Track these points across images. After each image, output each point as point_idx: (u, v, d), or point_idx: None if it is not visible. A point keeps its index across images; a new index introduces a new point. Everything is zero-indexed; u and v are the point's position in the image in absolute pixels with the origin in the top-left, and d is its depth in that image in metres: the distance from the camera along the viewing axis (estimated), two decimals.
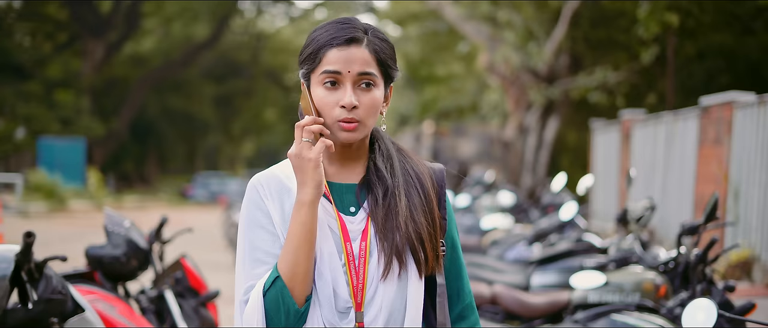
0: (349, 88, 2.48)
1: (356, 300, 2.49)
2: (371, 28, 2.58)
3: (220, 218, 23.79)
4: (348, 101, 2.46)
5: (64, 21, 42.08)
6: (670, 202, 13.47)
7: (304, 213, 2.44)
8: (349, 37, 2.51)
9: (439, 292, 2.57)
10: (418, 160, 2.67)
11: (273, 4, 50.77)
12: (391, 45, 2.59)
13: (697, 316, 4.16)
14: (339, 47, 2.50)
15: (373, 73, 2.50)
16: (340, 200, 2.58)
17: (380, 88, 2.53)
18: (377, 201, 2.53)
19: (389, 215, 2.51)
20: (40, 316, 4.37)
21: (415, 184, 2.57)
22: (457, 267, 2.66)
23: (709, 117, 11.89)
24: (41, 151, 36.37)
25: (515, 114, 23.94)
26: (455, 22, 24.13)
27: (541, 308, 6.07)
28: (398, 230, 2.49)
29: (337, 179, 2.61)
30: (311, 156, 2.43)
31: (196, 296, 6.24)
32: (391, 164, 2.59)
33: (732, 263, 10.24)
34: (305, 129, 2.46)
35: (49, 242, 15.22)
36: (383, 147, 2.63)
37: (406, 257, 2.49)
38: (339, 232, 2.53)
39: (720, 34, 18.94)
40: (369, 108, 2.49)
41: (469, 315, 2.66)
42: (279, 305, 2.43)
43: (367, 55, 2.50)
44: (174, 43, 47.43)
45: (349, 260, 2.50)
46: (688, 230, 5.47)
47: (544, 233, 9.12)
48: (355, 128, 2.49)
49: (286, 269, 2.44)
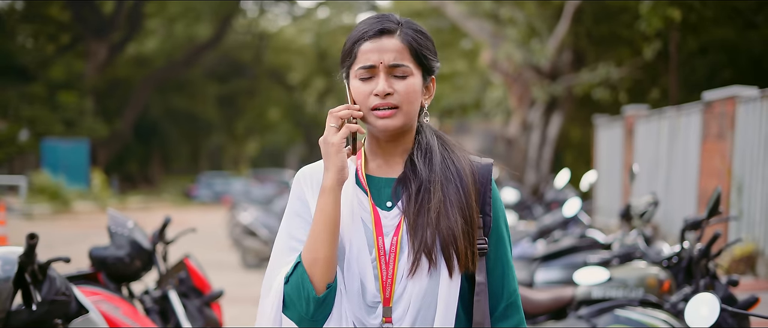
0: (383, 77, 2.49)
1: (384, 295, 2.49)
2: (407, 21, 2.57)
3: (224, 218, 23.81)
4: (381, 89, 2.48)
5: (66, 22, 42.09)
6: (674, 197, 13.47)
7: (324, 199, 2.46)
8: (380, 28, 2.52)
9: (477, 290, 2.52)
10: (464, 154, 2.63)
11: (275, 3, 50.76)
12: (427, 36, 2.59)
13: (700, 311, 4.15)
14: (371, 39, 2.52)
15: (406, 64, 2.50)
16: (378, 194, 2.58)
17: (417, 77, 2.53)
18: (410, 196, 2.52)
19: (421, 211, 2.49)
20: (44, 317, 4.38)
21: (454, 179, 2.53)
22: (502, 265, 2.59)
23: (712, 112, 11.88)
24: (45, 152, 36.39)
25: (518, 111, 23.92)
26: (457, 19, 24.09)
27: (545, 304, 6.07)
28: (429, 227, 2.47)
29: (378, 173, 2.61)
30: (334, 140, 2.45)
31: (200, 296, 6.25)
32: (430, 159, 2.56)
33: (735, 257, 10.24)
34: (332, 114, 2.48)
35: (52, 244, 15.23)
36: (424, 141, 2.61)
37: (436, 255, 2.47)
38: (372, 226, 2.52)
39: (722, 29, 18.92)
40: (405, 95, 2.50)
41: (513, 315, 2.60)
42: (300, 291, 2.45)
43: (400, 45, 2.51)
44: (177, 43, 47.42)
45: (380, 255, 2.50)
46: (692, 224, 5.47)
47: (548, 230, 9.13)
48: (392, 115, 2.50)
49: (307, 254, 2.46)
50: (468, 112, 33.06)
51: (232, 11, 46.56)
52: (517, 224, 11.27)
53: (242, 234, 16.09)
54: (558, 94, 21.65)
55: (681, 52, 19.01)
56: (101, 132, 40.16)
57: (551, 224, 9.19)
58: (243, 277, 14.47)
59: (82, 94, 40.13)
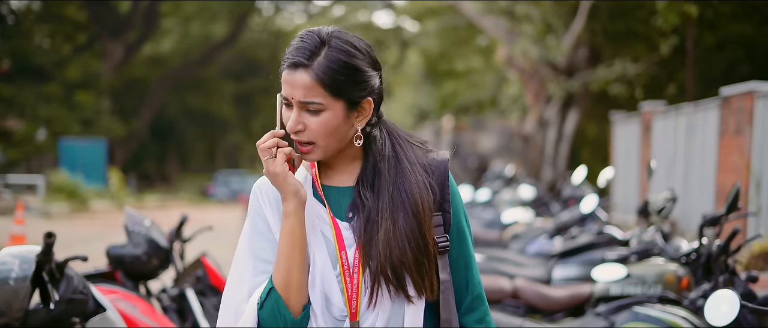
0: (296, 113, 2.44)
1: (351, 309, 2.46)
2: (331, 45, 2.45)
3: (240, 216, 23.81)
4: (290, 126, 2.44)
5: (83, 22, 42.20)
6: (692, 193, 13.41)
7: (290, 223, 2.43)
8: (293, 61, 2.44)
9: (442, 287, 2.50)
10: (417, 155, 2.57)
11: (291, 1, 50.79)
12: (349, 66, 2.44)
13: (719, 307, 4.14)
14: (287, 70, 2.45)
15: (316, 101, 2.41)
16: (337, 205, 2.54)
17: (332, 110, 2.42)
18: (360, 229, 2.47)
19: (372, 242, 2.45)
20: (61, 316, 4.40)
21: (404, 204, 2.46)
22: (465, 258, 2.58)
23: (729, 107, 11.82)
24: (62, 152, 36.50)
25: (535, 107, 23.89)
26: (473, 16, 24.08)
27: (562, 301, 6.06)
28: (379, 257, 2.42)
29: (335, 182, 2.57)
30: (277, 170, 2.43)
31: (218, 294, 6.25)
32: (378, 184, 2.49)
33: (754, 253, 10.17)
34: (260, 148, 2.45)
35: (70, 243, 15.28)
36: (371, 160, 2.54)
37: (393, 282, 2.43)
38: (334, 239, 2.49)
39: (739, 24, 18.82)
40: (317, 132, 2.43)
41: (478, 307, 2.59)
42: (276, 316, 2.42)
43: (309, 82, 2.41)
44: (193, 42, 47.52)
45: (344, 269, 2.46)
46: (710, 221, 5.44)
47: (565, 226, 9.10)
48: (308, 151, 2.46)
49: (279, 280, 2.42)
50: (484, 109, 33.08)
51: (248, 10, 46.60)
52: (534, 221, 11.24)
53: None
54: (574, 91, 21.60)
55: (698, 48, 18.92)
56: (118, 131, 40.27)
57: (568, 221, 9.16)
58: None
59: (98, 93, 40.23)
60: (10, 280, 4.19)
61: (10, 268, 4.22)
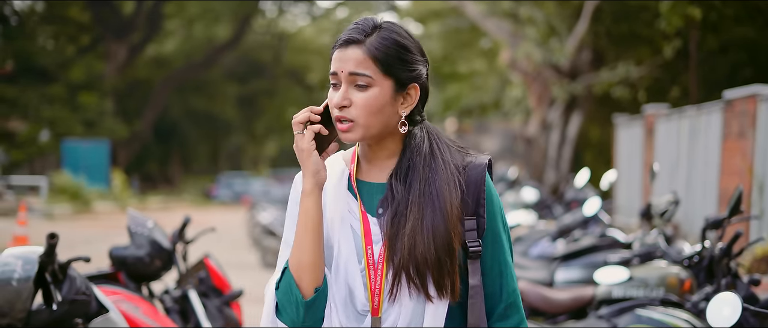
0: (344, 88, 2.47)
1: (373, 305, 2.47)
2: (383, 28, 2.51)
3: (243, 218, 23.86)
4: (336, 100, 2.47)
5: (86, 24, 42.28)
6: (694, 196, 13.40)
7: (305, 202, 2.47)
8: (347, 37, 2.48)
9: (471, 293, 2.48)
10: (453, 156, 2.56)
11: (294, 3, 50.80)
12: (402, 44, 2.50)
13: (722, 310, 4.14)
14: (339, 49, 2.49)
15: (365, 73, 2.45)
16: (369, 200, 2.56)
17: (379, 87, 2.46)
18: (388, 220, 2.48)
19: (398, 236, 2.46)
20: (64, 317, 4.40)
21: (433, 201, 2.47)
22: (499, 265, 2.54)
23: (732, 110, 11.82)
24: (65, 153, 36.55)
25: (538, 110, 23.87)
26: (477, 19, 24.06)
27: (565, 303, 6.05)
28: (404, 252, 2.43)
29: (369, 178, 2.58)
30: (303, 146, 2.46)
31: (220, 296, 6.25)
32: (411, 179, 2.50)
33: (757, 256, 10.16)
34: (294, 121, 2.48)
35: (73, 244, 15.30)
36: (407, 155, 2.54)
37: (414, 280, 2.43)
38: (361, 233, 2.50)
39: (743, 27, 18.82)
40: (362, 108, 2.45)
41: (512, 315, 2.54)
42: (289, 296, 2.46)
43: (361, 55, 2.45)
44: (196, 44, 47.57)
45: (369, 264, 2.48)
46: (713, 224, 5.44)
47: (568, 229, 9.10)
48: (348, 128, 2.47)
49: (292, 259, 2.47)
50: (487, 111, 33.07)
51: (251, 12, 46.65)
52: (537, 224, 11.24)
53: (262, 234, 16.13)
54: (577, 94, 21.61)
55: (701, 51, 18.91)
56: (121, 133, 40.31)
57: (571, 224, 9.16)
58: (262, 277, 14.49)
59: (102, 94, 40.28)
60: (13, 280, 4.20)
61: (12, 269, 4.23)
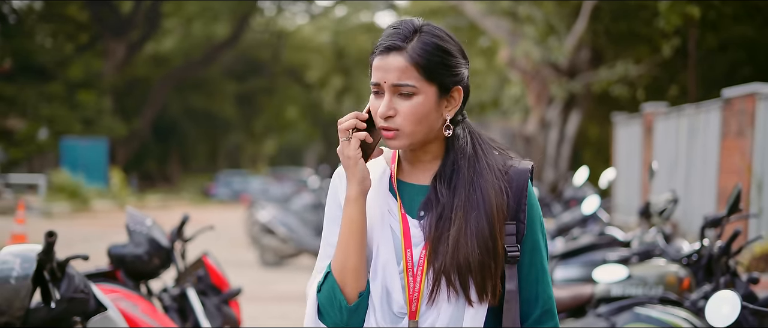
0: (387, 97, 2.44)
1: (411, 308, 2.46)
2: (423, 31, 2.48)
3: (242, 217, 23.84)
4: (381, 111, 2.44)
5: (85, 22, 42.25)
6: (693, 194, 13.41)
7: (350, 209, 2.45)
8: (387, 44, 2.45)
9: (507, 297, 2.46)
10: (495, 159, 2.54)
11: (293, 2, 50.82)
12: (443, 48, 2.47)
13: (721, 308, 4.14)
14: (380, 55, 2.46)
15: (409, 83, 2.42)
16: (410, 202, 2.54)
17: (426, 95, 2.44)
18: (431, 223, 2.46)
19: (441, 239, 2.43)
20: (62, 315, 4.40)
21: (478, 205, 2.44)
22: (536, 271, 2.52)
23: (731, 109, 11.82)
24: (64, 151, 36.55)
25: (537, 109, 23.87)
26: (475, 17, 24.05)
27: (563, 302, 6.04)
28: (447, 255, 2.41)
29: (411, 179, 2.56)
30: (350, 154, 2.44)
31: (219, 294, 6.25)
32: (456, 182, 2.48)
33: (756, 255, 10.17)
34: (340, 128, 2.46)
35: (71, 242, 15.30)
36: (452, 156, 2.52)
37: (455, 283, 2.42)
38: (400, 235, 2.49)
39: (741, 26, 18.82)
40: (407, 116, 2.43)
41: (547, 321, 2.53)
42: (332, 301, 2.45)
43: (404, 64, 2.42)
44: (195, 42, 47.55)
45: (408, 267, 2.46)
46: (711, 222, 5.44)
47: (567, 227, 9.11)
48: (393, 136, 2.45)
49: (336, 264, 2.45)
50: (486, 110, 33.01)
51: (250, 10, 46.63)
52: None
53: (260, 232, 16.12)
54: (576, 92, 21.59)
55: (700, 49, 18.91)
56: (120, 131, 40.29)
57: (570, 222, 9.17)
58: (261, 275, 14.50)
59: (100, 93, 40.25)
60: (11, 279, 4.20)
61: (11, 267, 4.23)
